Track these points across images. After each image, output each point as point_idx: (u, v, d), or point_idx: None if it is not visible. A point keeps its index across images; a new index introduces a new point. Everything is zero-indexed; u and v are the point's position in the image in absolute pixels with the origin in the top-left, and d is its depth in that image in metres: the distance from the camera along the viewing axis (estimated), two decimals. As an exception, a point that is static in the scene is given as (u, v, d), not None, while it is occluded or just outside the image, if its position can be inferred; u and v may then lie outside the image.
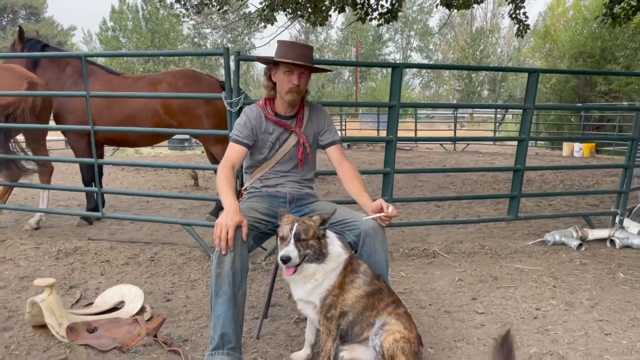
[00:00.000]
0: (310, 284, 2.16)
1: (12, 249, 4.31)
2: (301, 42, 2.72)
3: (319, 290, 2.16)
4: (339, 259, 2.19)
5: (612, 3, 8.10)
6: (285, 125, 2.67)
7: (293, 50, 2.54)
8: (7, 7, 39.05)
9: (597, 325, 2.89)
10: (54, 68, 5.40)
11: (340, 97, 42.89)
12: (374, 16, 8.93)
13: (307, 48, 2.61)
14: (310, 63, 2.58)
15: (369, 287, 2.20)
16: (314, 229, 2.15)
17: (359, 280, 2.20)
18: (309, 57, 2.58)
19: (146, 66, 36.97)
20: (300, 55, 2.52)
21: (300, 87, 2.56)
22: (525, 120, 4.66)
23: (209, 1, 8.03)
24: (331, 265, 2.16)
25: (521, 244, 4.59)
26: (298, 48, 2.57)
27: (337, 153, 2.73)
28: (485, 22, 42.62)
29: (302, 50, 2.56)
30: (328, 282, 2.16)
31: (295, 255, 2.07)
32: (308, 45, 2.67)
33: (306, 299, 2.21)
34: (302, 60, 2.52)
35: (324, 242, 2.17)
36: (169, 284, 3.57)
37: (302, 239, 2.11)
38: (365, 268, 2.25)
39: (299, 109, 2.71)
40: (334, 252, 2.19)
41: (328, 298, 2.16)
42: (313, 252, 2.13)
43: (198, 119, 5.06)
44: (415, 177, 9.18)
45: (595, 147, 14.51)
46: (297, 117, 2.70)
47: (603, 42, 17.74)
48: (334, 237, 2.27)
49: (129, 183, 8.84)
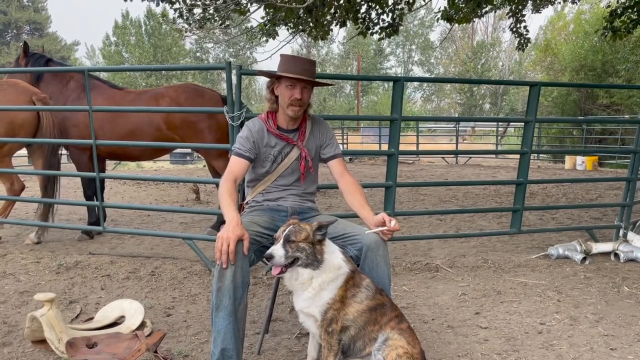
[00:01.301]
0: (308, 292, 2.15)
1: (12, 264, 4.30)
2: (303, 57, 2.73)
3: (319, 302, 2.14)
4: (339, 270, 2.17)
5: (612, 17, 8.16)
6: (288, 139, 2.65)
7: (295, 65, 2.53)
8: (11, 22, 39.45)
9: (603, 340, 2.85)
10: (57, 82, 5.42)
11: (341, 110, 43.05)
12: (375, 30, 8.98)
13: (309, 62, 2.60)
14: (313, 77, 2.58)
15: (372, 302, 2.18)
16: (308, 233, 2.15)
17: (361, 294, 2.18)
18: (311, 71, 2.57)
19: (149, 81, 37.22)
20: (302, 70, 2.52)
21: (302, 101, 2.55)
22: (527, 133, 4.66)
23: (211, 16, 8.08)
24: (329, 275, 2.15)
25: (524, 257, 4.56)
26: (301, 62, 2.56)
27: (338, 166, 2.73)
28: (486, 35, 42.96)
29: (305, 64, 2.56)
30: (328, 294, 2.14)
31: (280, 255, 2.09)
32: (310, 59, 2.67)
33: (306, 310, 2.18)
34: (305, 75, 2.52)
35: (320, 249, 2.16)
36: (169, 299, 3.54)
37: (291, 240, 2.12)
38: (368, 282, 2.23)
39: (301, 123, 2.70)
40: (332, 262, 2.17)
41: (329, 312, 2.14)
42: (305, 256, 2.12)
43: (200, 133, 5.07)
44: (418, 190, 9.17)
45: (597, 160, 14.49)
46: (300, 131, 2.69)
47: (604, 56, 17.80)
48: (337, 249, 2.25)
49: (130, 197, 8.83)
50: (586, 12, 20.47)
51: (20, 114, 4.86)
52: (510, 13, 9.19)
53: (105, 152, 5.37)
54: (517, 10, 9.00)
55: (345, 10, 7.85)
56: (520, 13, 9.11)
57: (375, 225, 2.38)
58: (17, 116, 4.85)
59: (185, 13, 8.01)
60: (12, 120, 4.83)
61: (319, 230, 2.17)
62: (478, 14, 8.94)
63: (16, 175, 5.25)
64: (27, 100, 4.87)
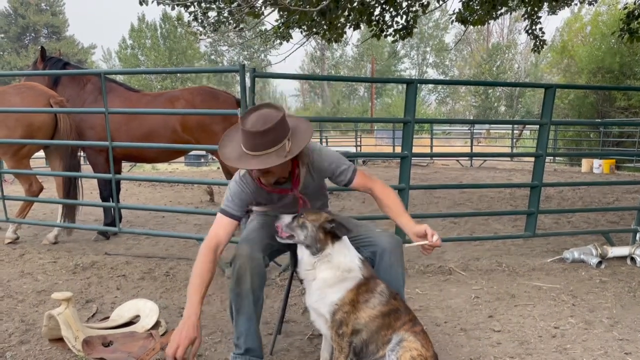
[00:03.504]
0: (315, 284, 2.19)
1: (30, 263, 4.37)
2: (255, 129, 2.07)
3: (327, 300, 2.16)
4: (348, 273, 2.18)
5: (629, 18, 8.05)
6: (281, 191, 2.41)
7: (249, 140, 2.10)
8: (29, 26, 40.04)
9: (617, 345, 2.82)
10: (74, 85, 5.50)
11: (355, 113, 42.98)
12: (389, 32, 8.96)
13: (261, 134, 2.06)
14: (274, 144, 2.08)
15: (385, 307, 2.17)
16: (319, 216, 2.22)
17: (374, 300, 2.17)
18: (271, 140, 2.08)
19: (164, 83, 37.52)
20: (255, 145, 2.08)
21: (271, 173, 2.22)
22: (542, 136, 4.63)
23: (225, 19, 8.15)
24: (334, 273, 2.17)
25: (539, 261, 4.52)
26: (251, 138, 2.08)
27: (361, 183, 2.47)
28: (501, 37, 42.61)
29: (256, 139, 2.08)
30: (335, 294, 2.16)
31: (287, 220, 2.24)
32: (264, 129, 2.06)
33: (315, 306, 2.21)
34: (260, 149, 2.08)
35: (324, 238, 2.18)
36: (184, 299, 3.56)
37: (302, 215, 2.23)
38: (382, 288, 2.21)
39: (293, 170, 2.36)
40: (339, 261, 2.19)
41: (338, 313, 2.14)
42: (304, 235, 2.19)
43: (215, 135, 5.10)
44: (431, 193, 9.12)
45: (615, 163, 14.29)
46: (292, 179, 2.39)
47: (622, 58, 17.55)
48: (354, 254, 2.25)
49: (145, 198, 8.92)
50: (603, 14, 20.19)
51: (38, 117, 4.95)
52: (525, 15, 9.12)
53: (122, 154, 5.43)
54: (533, 12, 8.93)
55: (359, 12, 7.85)
56: (536, 15, 9.03)
57: (415, 236, 2.30)
58: (35, 118, 4.94)
59: (200, 16, 8.09)
60: (31, 122, 4.92)
61: (330, 223, 2.18)
62: (493, 15, 8.90)
63: (34, 176, 5.34)
64: (45, 103, 4.95)
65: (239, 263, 2.26)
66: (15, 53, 38.57)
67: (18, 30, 40.01)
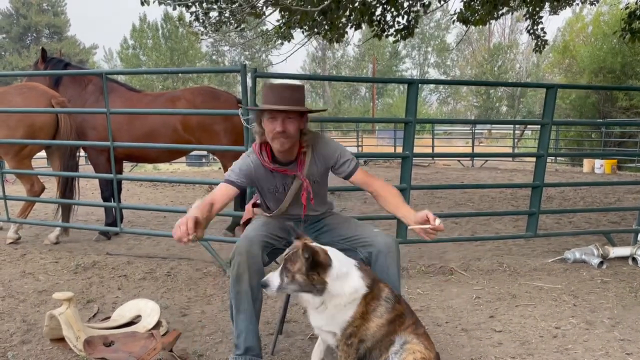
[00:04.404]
0: (325, 314, 2.10)
1: (32, 263, 4.38)
2: (288, 84, 2.44)
3: (339, 320, 2.10)
4: (355, 294, 2.08)
5: (631, 18, 8.03)
6: (285, 171, 2.45)
7: (275, 94, 2.30)
8: (31, 26, 40.09)
9: (619, 345, 2.82)
10: (75, 86, 5.50)
11: (357, 113, 42.96)
12: (391, 33, 8.94)
13: (292, 89, 2.34)
14: (299, 104, 2.31)
15: (391, 314, 2.14)
16: (302, 264, 2.02)
17: (381, 308, 2.13)
18: (296, 98, 2.31)
19: (165, 83, 37.53)
20: (282, 99, 2.27)
21: (287, 133, 2.30)
22: (544, 136, 4.62)
23: (227, 19, 8.14)
24: (342, 299, 2.07)
25: (540, 261, 4.52)
26: (281, 90, 2.32)
27: (360, 178, 2.53)
28: (503, 37, 42.53)
29: (286, 92, 2.31)
30: (347, 313, 2.09)
31: (275, 285, 2.05)
32: (295, 85, 2.41)
33: (326, 329, 2.15)
34: (286, 103, 2.27)
35: (318, 278, 2.02)
36: (185, 299, 3.58)
37: (288, 268, 2.04)
38: (387, 294, 2.16)
39: (299, 152, 2.45)
40: (342, 289, 2.06)
41: (349, 328, 2.10)
42: (299, 287, 2.04)
43: (216, 135, 5.11)
44: (433, 193, 9.12)
45: (616, 164, 14.27)
46: (298, 160, 2.45)
47: (623, 58, 17.53)
48: (351, 270, 2.12)
49: (146, 199, 8.93)
50: (605, 14, 20.18)
51: (39, 117, 4.96)
52: (527, 15, 9.10)
53: (123, 154, 5.44)
54: (535, 12, 8.90)
55: (360, 12, 7.84)
56: (537, 15, 9.01)
57: (417, 222, 2.23)
58: (37, 119, 4.95)
59: (202, 16, 8.09)
60: (33, 122, 4.93)
61: (313, 269, 2.01)
62: (494, 16, 8.87)
63: (36, 176, 5.35)
64: (47, 103, 4.96)
65: (237, 260, 2.28)
66: (17, 53, 38.64)
67: (20, 31, 40.08)
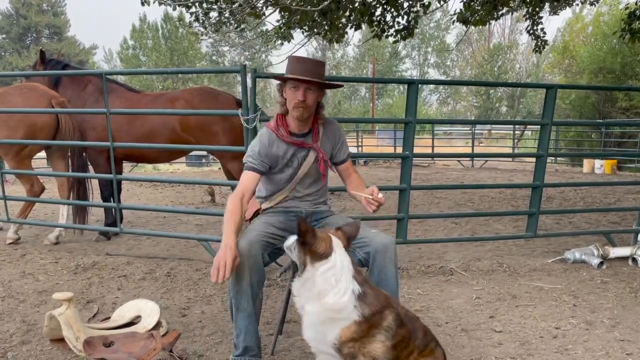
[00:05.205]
0: (307, 318, 2.01)
1: (31, 264, 4.37)
2: (311, 58, 2.67)
3: (325, 338, 1.97)
4: (338, 314, 1.93)
5: (631, 19, 8.03)
6: (301, 143, 2.58)
7: (300, 66, 2.47)
8: (31, 26, 40.08)
9: (619, 345, 2.82)
10: (75, 86, 5.50)
11: (356, 113, 42.97)
12: (390, 33, 8.94)
13: (315, 63, 2.52)
14: (320, 78, 2.48)
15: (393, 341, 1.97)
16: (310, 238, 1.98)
17: (380, 336, 1.96)
18: (318, 72, 2.48)
19: (165, 84, 37.54)
20: (306, 71, 2.44)
21: (306, 103, 2.45)
22: (543, 136, 4.62)
23: (227, 20, 8.14)
24: (318, 309, 1.95)
25: (540, 261, 4.52)
26: (305, 63, 2.49)
27: (349, 167, 2.77)
28: (503, 38, 42.58)
29: (309, 65, 2.48)
30: (332, 332, 1.94)
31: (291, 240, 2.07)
32: (318, 60, 2.60)
33: (314, 344, 2.05)
34: (309, 76, 2.43)
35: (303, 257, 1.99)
36: (184, 299, 3.58)
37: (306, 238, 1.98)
38: (389, 323, 1.97)
39: (313, 125, 2.62)
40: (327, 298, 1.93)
41: (344, 349, 1.95)
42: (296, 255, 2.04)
43: (215, 135, 5.11)
44: (432, 193, 9.12)
45: (616, 164, 14.28)
46: (313, 133, 2.62)
47: (623, 58, 17.54)
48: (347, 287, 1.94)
49: (146, 199, 8.93)
50: (605, 14, 20.19)
51: (40, 117, 4.96)
52: (527, 15, 9.10)
53: (123, 155, 5.44)
54: (534, 12, 8.91)
55: (360, 13, 7.84)
56: (537, 15, 9.02)
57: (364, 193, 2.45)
58: (37, 119, 4.95)
59: (202, 17, 8.09)
60: (33, 123, 4.93)
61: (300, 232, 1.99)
62: (494, 16, 8.87)
63: (36, 177, 5.35)
64: (47, 104, 4.96)
65: (237, 259, 2.25)
66: (17, 54, 38.62)
67: (20, 31, 40.07)
